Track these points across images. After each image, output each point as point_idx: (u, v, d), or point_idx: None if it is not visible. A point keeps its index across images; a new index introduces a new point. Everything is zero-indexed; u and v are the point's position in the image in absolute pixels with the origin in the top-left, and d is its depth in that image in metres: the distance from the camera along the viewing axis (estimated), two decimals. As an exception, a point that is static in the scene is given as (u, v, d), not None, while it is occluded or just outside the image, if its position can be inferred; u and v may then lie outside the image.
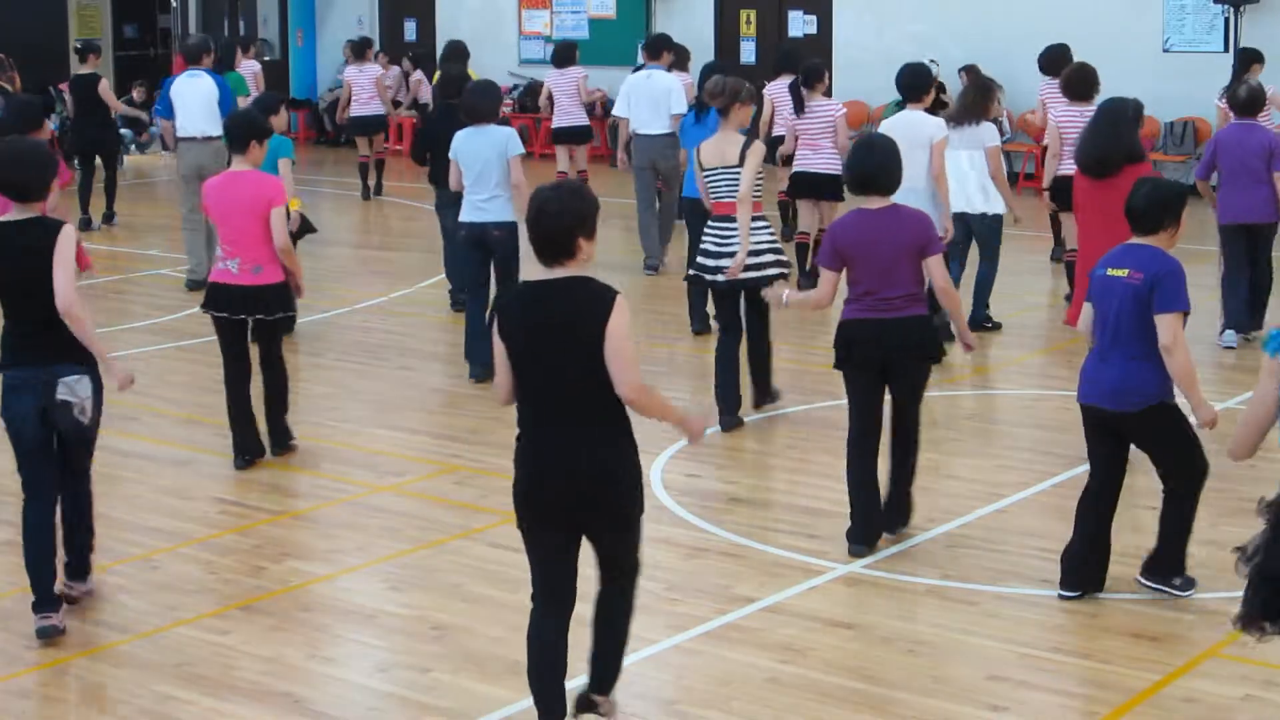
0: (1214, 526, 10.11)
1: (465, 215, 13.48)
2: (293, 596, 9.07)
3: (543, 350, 6.92)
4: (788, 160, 17.55)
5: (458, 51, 19.42)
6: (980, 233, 15.06)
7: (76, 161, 22.25)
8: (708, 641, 8.39)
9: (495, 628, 8.59)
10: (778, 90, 18.63)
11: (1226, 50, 23.73)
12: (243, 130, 11.37)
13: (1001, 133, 25.33)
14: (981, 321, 15.10)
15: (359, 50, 25.14)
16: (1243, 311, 14.51)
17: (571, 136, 21.42)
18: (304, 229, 14.91)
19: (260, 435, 11.59)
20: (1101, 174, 11.28)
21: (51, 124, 28.62)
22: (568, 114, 21.39)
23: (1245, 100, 14.52)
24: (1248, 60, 18.88)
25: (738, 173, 11.96)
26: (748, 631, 8.51)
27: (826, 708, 7.61)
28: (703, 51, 28.33)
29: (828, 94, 17.65)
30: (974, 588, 9.08)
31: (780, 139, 18.14)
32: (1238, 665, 8.06)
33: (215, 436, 11.97)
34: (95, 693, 7.95)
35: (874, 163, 9.58)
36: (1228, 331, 14.55)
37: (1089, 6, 24.68)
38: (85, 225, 21.13)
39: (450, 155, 13.53)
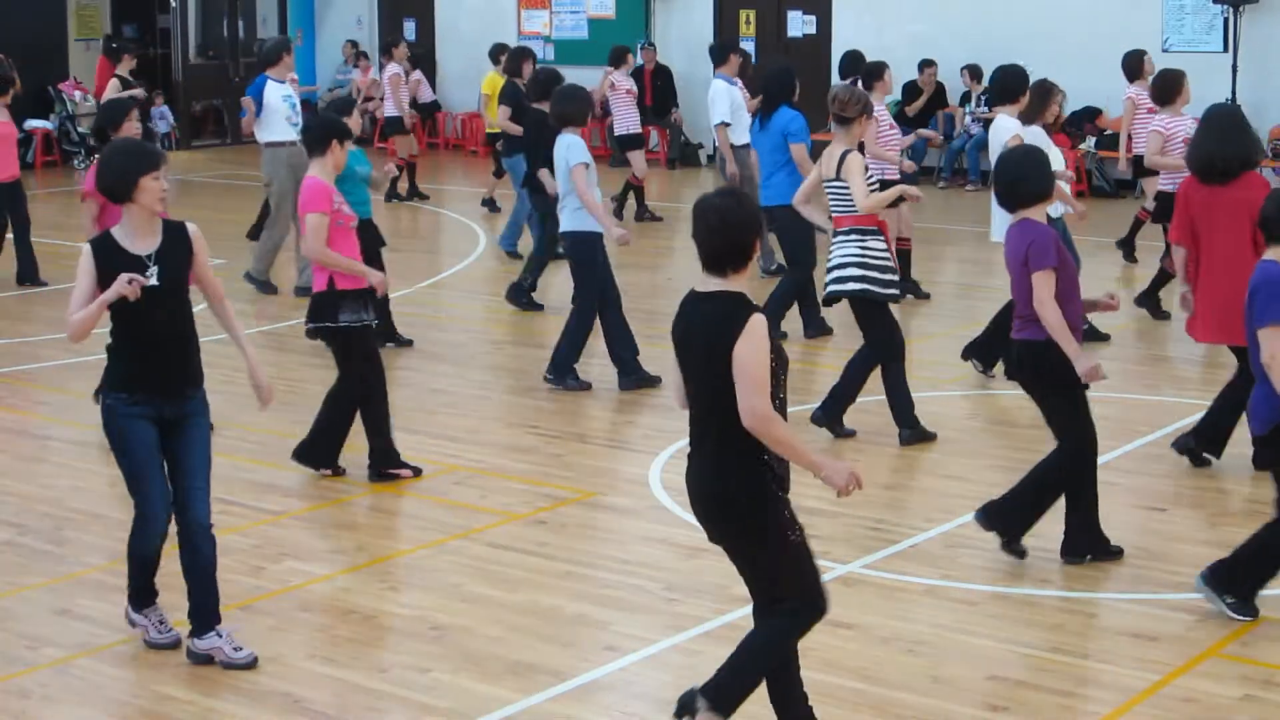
0: (1214, 527, 10.14)
1: (568, 225, 13.29)
2: (292, 596, 9.07)
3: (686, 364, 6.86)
4: None
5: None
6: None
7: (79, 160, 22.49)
8: (707, 641, 8.39)
9: (494, 628, 8.59)
10: None
11: (1226, 50, 23.72)
12: (325, 132, 11.05)
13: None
14: None
15: (386, 50, 25.12)
16: None
17: (629, 143, 22.30)
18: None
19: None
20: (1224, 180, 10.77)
21: (50, 124, 28.72)
22: (625, 120, 22.36)
23: None
24: None
25: (840, 186, 11.72)
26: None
27: (826, 708, 7.60)
28: (703, 51, 28.37)
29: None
30: (973, 588, 9.08)
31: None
32: (1237, 665, 8.06)
33: (215, 436, 11.94)
34: (95, 692, 7.94)
35: (1018, 172, 9.26)
36: None
37: (1088, 6, 24.68)
38: None
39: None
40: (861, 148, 12.10)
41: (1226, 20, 23.98)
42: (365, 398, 11.10)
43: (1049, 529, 9.75)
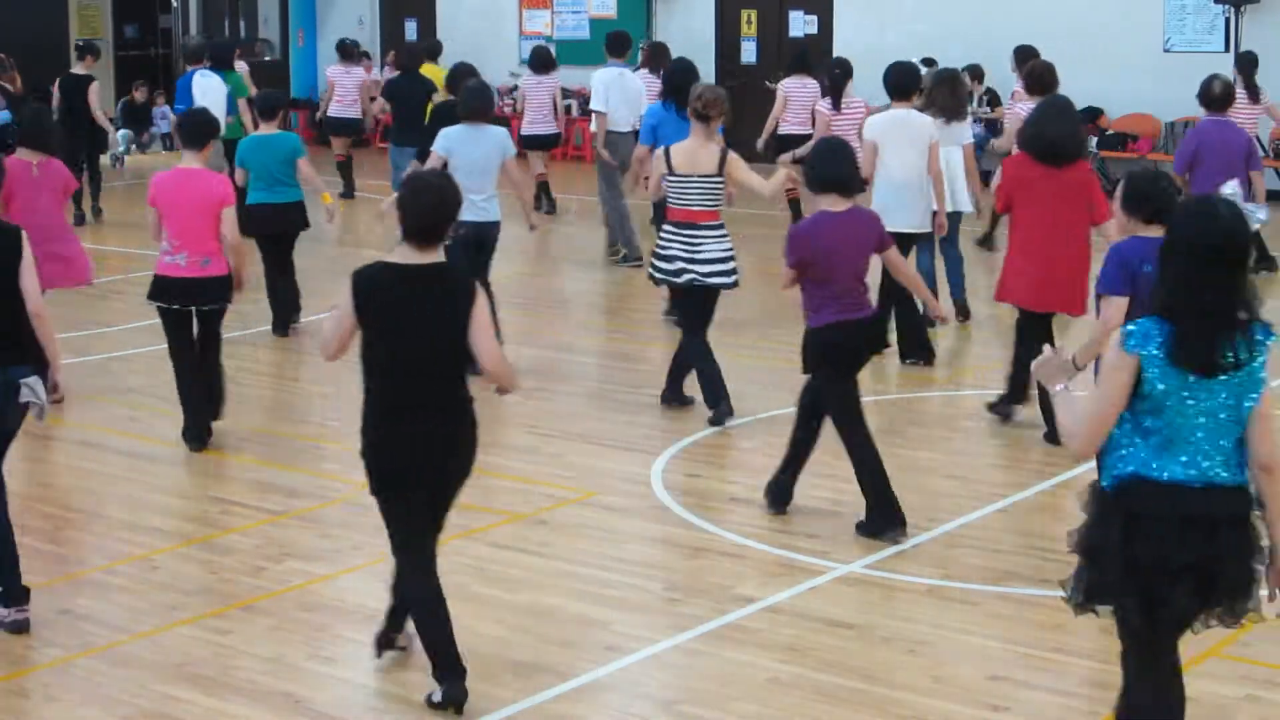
0: (1215, 526, 10.11)
1: (468, 215, 13.43)
2: (293, 596, 9.07)
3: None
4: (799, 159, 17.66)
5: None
6: (953, 227, 15.35)
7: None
8: (708, 641, 8.39)
9: (495, 628, 8.59)
10: (793, 87, 18.89)
11: (1227, 50, 23.71)
12: (200, 128, 11.78)
13: (1000, 132, 25.48)
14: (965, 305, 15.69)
15: (347, 52, 25.29)
16: None
17: (543, 143, 22.60)
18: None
19: (216, 406, 12.10)
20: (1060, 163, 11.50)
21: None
22: (537, 122, 22.31)
23: (1220, 96, 14.89)
24: (1249, 63, 19.14)
25: (714, 182, 12.06)
26: (749, 631, 8.51)
27: (827, 708, 7.61)
28: (704, 51, 28.39)
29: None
30: (975, 588, 9.08)
31: (786, 137, 18.41)
32: (1239, 665, 8.06)
33: (216, 436, 11.96)
34: (96, 692, 7.94)
35: (839, 163, 9.93)
36: None
37: (1090, 6, 24.67)
38: (79, 220, 21.17)
39: (440, 151, 13.56)
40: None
41: (1228, 20, 23.98)
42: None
43: (1049, 529, 9.75)
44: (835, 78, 17.63)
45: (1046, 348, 6.57)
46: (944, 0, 26.25)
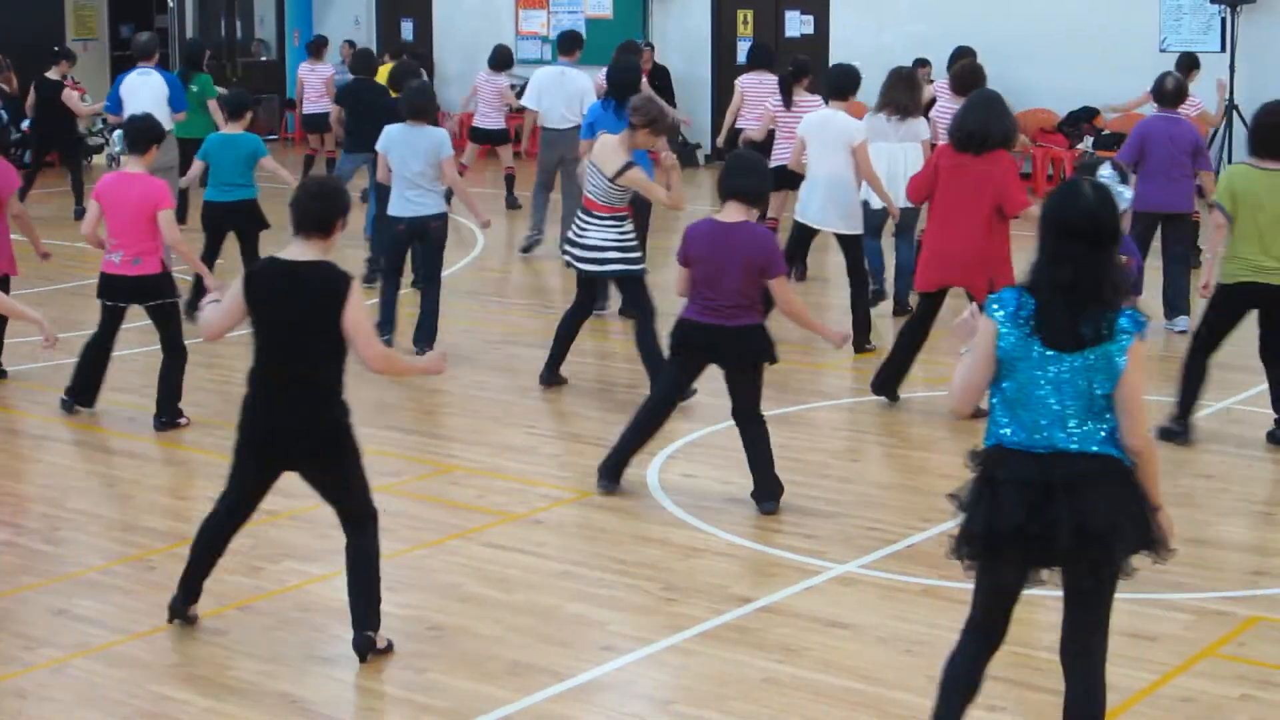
0: (1211, 526, 10.14)
1: (401, 210, 14.39)
2: (290, 597, 9.07)
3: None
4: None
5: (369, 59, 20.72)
6: (907, 221, 15.69)
7: (28, 157, 23.13)
8: (704, 642, 8.39)
9: (492, 628, 8.59)
10: (750, 83, 19.15)
11: (1223, 50, 23.75)
12: (143, 134, 12.37)
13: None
14: (906, 304, 15.76)
15: (314, 49, 25.47)
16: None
17: (492, 138, 23.23)
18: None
19: (95, 391, 12.72)
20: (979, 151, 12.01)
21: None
22: (488, 116, 23.06)
23: (1172, 92, 15.25)
24: (1188, 65, 19.34)
25: (604, 181, 12.67)
26: (744, 631, 8.52)
27: (823, 708, 7.62)
28: (700, 51, 28.40)
29: (812, 90, 17.81)
30: (970, 588, 9.04)
31: (739, 131, 18.77)
32: (1235, 665, 8.07)
33: (212, 436, 11.96)
34: (92, 693, 7.94)
35: (753, 177, 10.40)
36: (1181, 318, 15.22)
37: (1086, 6, 24.68)
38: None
39: (379, 149, 14.50)
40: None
41: (1224, 20, 24.00)
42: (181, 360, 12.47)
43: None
44: (786, 75, 17.87)
45: (969, 309, 6.73)
46: (941, 1, 26.24)
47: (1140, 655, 8.17)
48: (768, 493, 10.41)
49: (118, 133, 20.80)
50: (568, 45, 19.94)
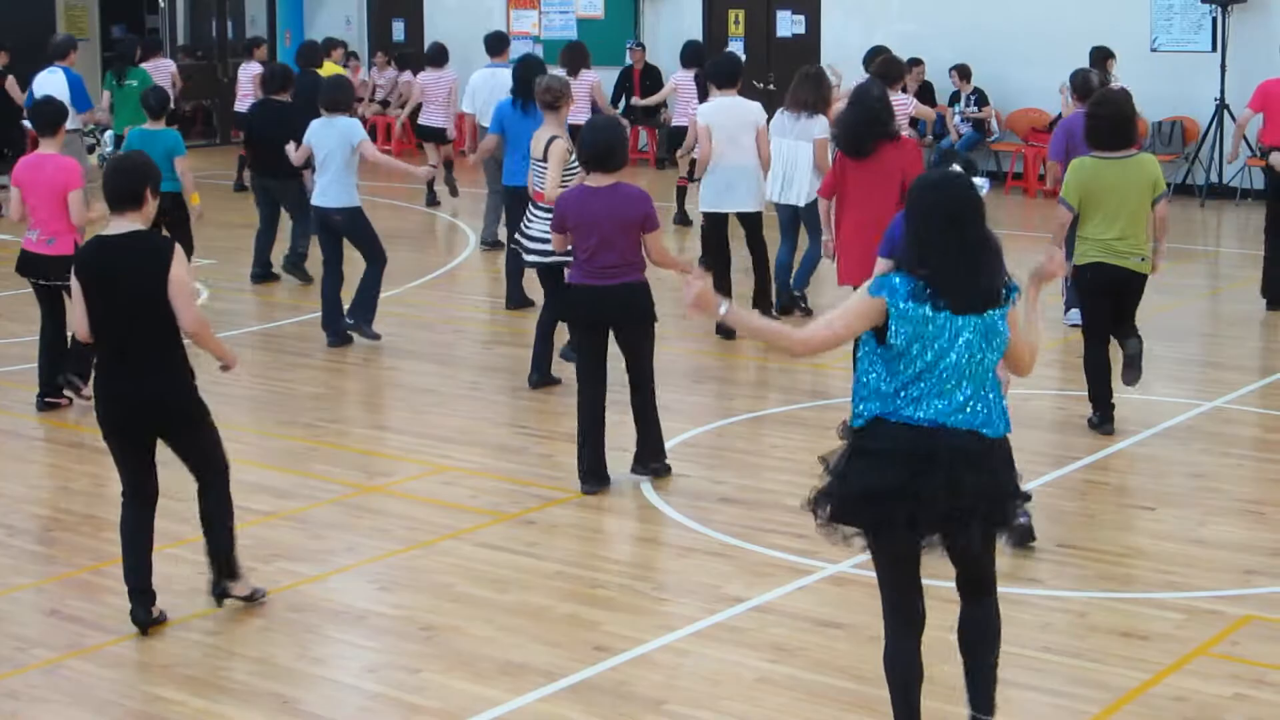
0: (1203, 525, 10.14)
1: (316, 200, 15.00)
2: (282, 597, 9.06)
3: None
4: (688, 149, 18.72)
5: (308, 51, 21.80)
6: (809, 219, 15.68)
7: None
8: (697, 641, 8.40)
9: (485, 628, 8.59)
10: (684, 80, 19.56)
11: (1214, 50, 23.77)
12: (51, 117, 12.72)
13: (989, 132, 25.49)
14: (798, 302, 16.05)
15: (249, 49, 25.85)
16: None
17: (435, 135, 23.58)
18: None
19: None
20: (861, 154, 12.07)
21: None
22: (436, 113, 23.41)
23: (1079, 86, 15.47)
24: (1102, 56, 19.39)
25: (543, 166, 12.98)
26: (737, 631, 8.52)
27: (817, 707, 7.62)
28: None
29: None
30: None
31: (676, 130, 19.10)
32: (1228, 664, 8.07)
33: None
34: (85, 694, 7.93)
35: (604, 142, 10.62)
36: (1073, 310, 15.02)
37: (1077, 6, 24.68)
38: None
39: (306, 140, 15.10)
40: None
41: (1215, 19, 24.01)
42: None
43: (1038, 528, 9.75)
44: (698, 76, 18.89)
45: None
46: (932, 0, 26.25)
47: (1132, 655, 8.17)
48: (659, 450, 11.09)
49: (109, 133, 20.82)
50: (496, 46, 20.24)
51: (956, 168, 11.65)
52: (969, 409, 6.46)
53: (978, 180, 7.19)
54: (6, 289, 17.20)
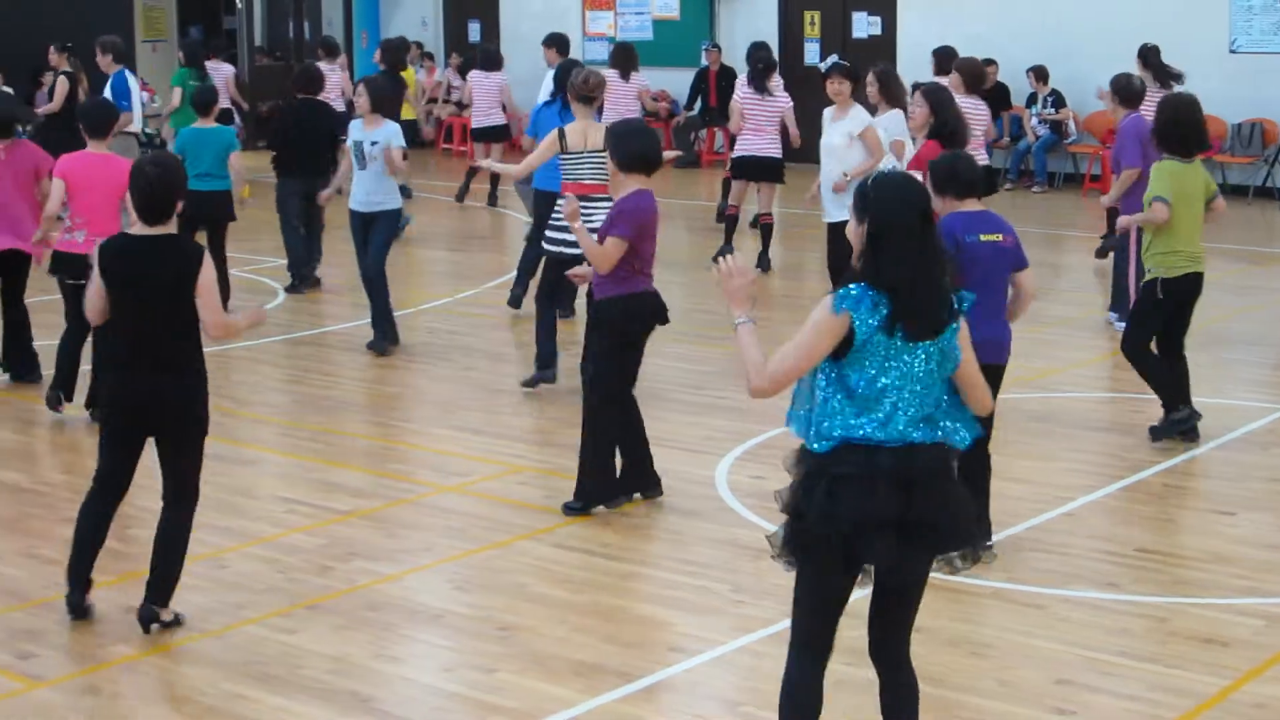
0: (1282, 531, 10.08)
1: (356, 201, 14.91)
2: (359, 596, 9.10)
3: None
4: (732, 142, 19.32)
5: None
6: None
7: None
8: (773, 644, 8.37)
9: (560, 628, 8.60)
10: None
11: (1294, 51, 23.63)
12: (101, 118, 12.63)
13: (1066, 134, 25.38)
14: None
15: (488, 59, 25.39)
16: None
17: (487, 135, 23.77)
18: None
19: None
20: None
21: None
22: (486, 114, 23.73)
23: (1140, 91, 15.32)
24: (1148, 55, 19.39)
25: (602, 157, 12.64)
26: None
27: (893, 710, 7.60)
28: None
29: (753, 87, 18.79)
30: (1040, 591, 9.05)
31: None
32: (1307, 670, 8.02)
33: (283, 436, 12.04)
34: (164, 690, 7.99)
35: (643, 144, 10.47)
36: (1112, 313, 15.12)
37: (1154, 7, 24.54)
38: None
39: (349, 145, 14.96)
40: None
41: (1295, 20, 23.86)
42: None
43: (1115, 532, 9.71)
44: (757, 69, 18.82)
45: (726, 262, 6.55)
46: (1008, 1, 26.16)
47: (1212, 660, 8.12)
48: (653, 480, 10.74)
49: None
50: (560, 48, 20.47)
51: (889, 164, 11.70)
52: (930, 423, 6.24)
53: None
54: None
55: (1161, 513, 10.49)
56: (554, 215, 13.18)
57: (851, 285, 6.18)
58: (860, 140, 15.15)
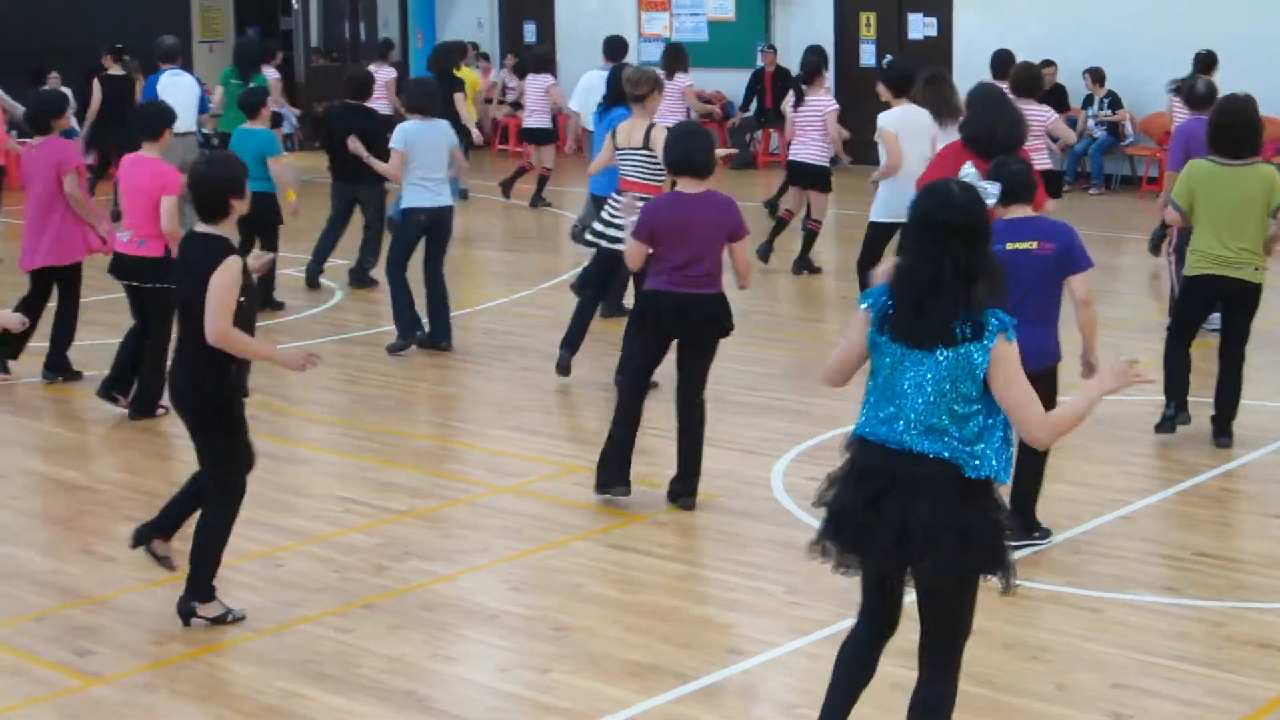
0: (1342, 535, 10.02)
1: (419, 200, 14.72)
2: (415, 595, 9.12)
3: None
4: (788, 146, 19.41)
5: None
6: None
7: (93, 156, 23.62)
8: (830, 645, 8.31)
9: (616, 628, 8.61)
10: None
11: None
12: (154, 120, 12.80)
13: (1123, 135, 25.27)
14: None
15: (539, 61, 25.39)
16: None
17: (536, 137, 24.12)
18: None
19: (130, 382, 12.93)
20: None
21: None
22: (531, 115, 24.02)
23: (1203, 95, 14.91)
24: (1209, 62, 19.23)
25: (642, 154, 13.11)
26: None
27: (949, 713, 7.58)
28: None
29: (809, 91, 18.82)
30: (1097, 594, 9.02)
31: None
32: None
33: (340, 436, 12.07)
34: (220, 688, 8.02)
35: (688, 147, 10.40)
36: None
37: (1213, 8, 24.40)
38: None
39: (395, 146, 14.75)
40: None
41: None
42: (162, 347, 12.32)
43: (1172, 536, 9.67)
44: (795, 80, 19.19)
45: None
46: (1063, 2, 26.07)
47: (1271, 666, 8.08)
48: (690, 487, 10.63)
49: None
50: (615, 50, 20.23)
51: (968, 171, 11.60)
52: (931, 435, 6.23)
53: (983, 185, 7.00)
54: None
55: (1219, 516, 10.45)
56: (611, 211, 13.29)
57: (882, 284, 6.41)
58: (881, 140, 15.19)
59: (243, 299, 8.39)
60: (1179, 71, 21.40)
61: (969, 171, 11.54)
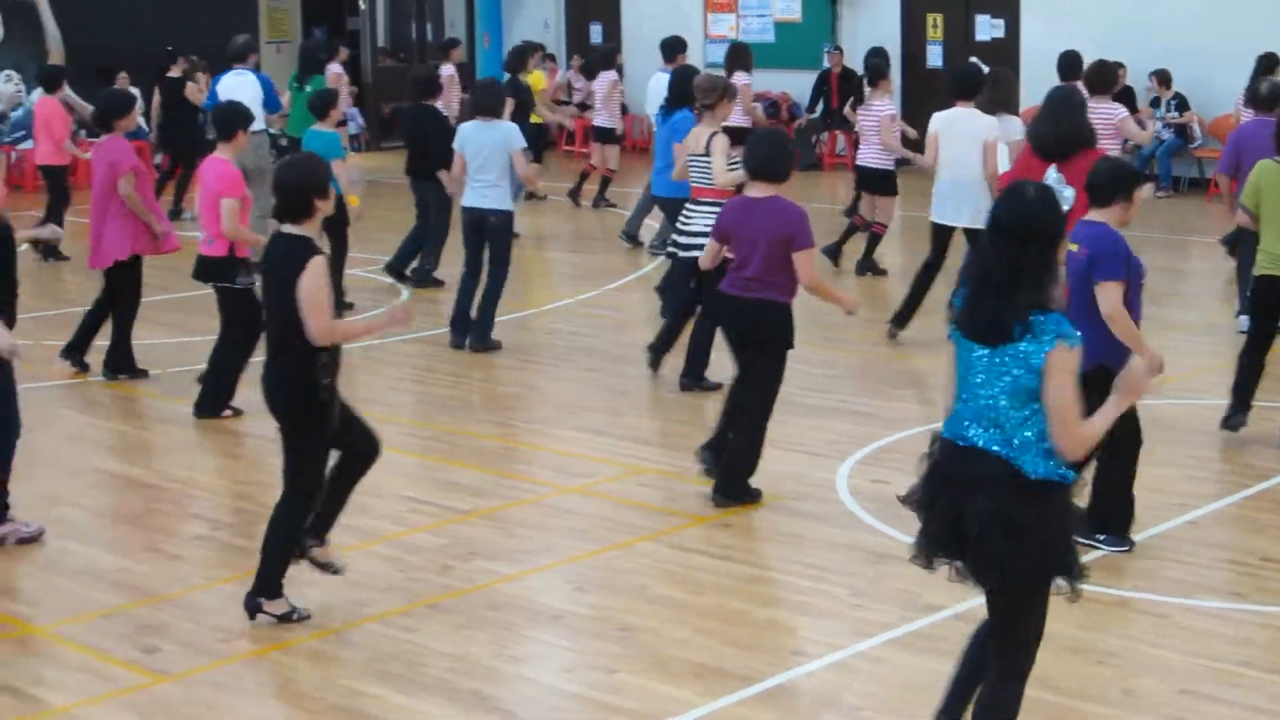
0: None
1: (465, 200, 14.85)
2: (480, 595, 9.15)
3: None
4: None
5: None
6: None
7: (160, 157, 23.83)
8: (894, 649, 8.36)
9: (680, 629, 8.61)
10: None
11: None
12: (226, 121, 12.89)
13: (1191, 138, 25.12)
14: None
15: (445, 49, 25.86)
16: None
17: (602, 136, 24.10)
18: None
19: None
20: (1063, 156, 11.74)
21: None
22: (597, 114, 24.10)
23: (1267, 96, 14.76)
24: (1271, 63, 19.01)
25: (704, 161, 13.29)
26: (934, 639, 8.45)
27: (1014, 717, 7.56)
28: (890, 55, 28.24)
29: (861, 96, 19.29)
30: (1164, 599, 8.98)
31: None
32: None
33: (406, 435, 12.10)
34: (286, 687, 8.07)
35: (766, 151, 10.48)
36: (1242, 316, 14.68)
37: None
38: (176, 214, 22.06)
39: (455, 147, 14.96)
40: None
41: None
42: (241, 348, 12.72)
43: (1240, 541, 9.62)
44: (857, 83, 19.65)
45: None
46: (1130, 4, 25.94)
47: (1338, 671, 8.04)
48: (718, 486, 10.67)
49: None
50: (670, 51, 20.74)
51: (1051, 176, 11.55)
52: (990, 432, 6.26)
53: (1060, 189, 7.02)
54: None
55: (1287, 522, 10.40)
56: (685, 220, 13.32)
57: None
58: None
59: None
60: (1245, 73, 21.31)
61: (1053, 176, 11.55)
